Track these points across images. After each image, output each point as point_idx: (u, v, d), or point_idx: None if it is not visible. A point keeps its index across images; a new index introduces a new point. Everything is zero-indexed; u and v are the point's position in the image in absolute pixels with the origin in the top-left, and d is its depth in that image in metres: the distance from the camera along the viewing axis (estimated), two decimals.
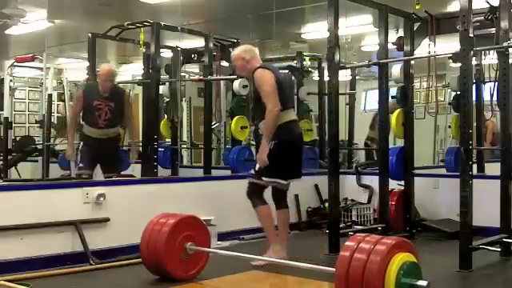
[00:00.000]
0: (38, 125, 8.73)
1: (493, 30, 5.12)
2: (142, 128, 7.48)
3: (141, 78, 7.53)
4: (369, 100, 11.60)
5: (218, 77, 7.21)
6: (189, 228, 4.19)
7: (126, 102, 6.02)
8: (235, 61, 4.91)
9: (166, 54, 7.60)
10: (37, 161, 8.74)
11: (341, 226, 5.66)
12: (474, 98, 5.05)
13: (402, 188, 6.03)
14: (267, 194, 4.81)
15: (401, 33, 6.07)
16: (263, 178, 4.68)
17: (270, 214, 4.76)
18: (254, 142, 7.10)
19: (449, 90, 7.84)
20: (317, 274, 3.92)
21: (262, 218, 4.76)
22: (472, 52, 4.52)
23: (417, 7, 5.65)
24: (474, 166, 5.27)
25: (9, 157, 8.78)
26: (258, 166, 4.68)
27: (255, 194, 4.76)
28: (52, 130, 8.66)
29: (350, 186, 6.83)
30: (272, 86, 4.57)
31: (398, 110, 5.94)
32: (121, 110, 5.89)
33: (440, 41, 5.88)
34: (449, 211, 5.83)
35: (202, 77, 7.15)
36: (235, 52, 4.98)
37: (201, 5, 7.98)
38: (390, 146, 6.16)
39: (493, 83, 5.22)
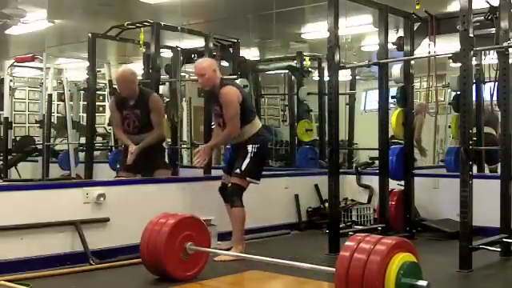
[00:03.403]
0: (38, 125, 8.75)
1: (493, 30, 5.12)
2: None
3: (141, 77, 7.54)
4: (369, 100, 11.62)
5: None
6: (189, 228, 4.19)
7: (151, 107, 5.44)
8: (204, 71, 4.93)
9: (166, 53, 7.60)
10: (37, 161, 8.75)
11: (341, 226, 5.65)
12: (474, 98, 5.05)
13: (402, 188, 6.03)
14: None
15: (401, 33, 6.06)
16: (247, 179, 4.92)
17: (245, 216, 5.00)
18: None
19: (449, 90, 7.84)
20: (317, 273, 3.92)
21: (241, 219, 4.94)
22: (472, 52, 4.52)
23: (417, 7, 5.66)
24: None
25: (9, 157, 8.79)
26: (244, 167, 4.88)
27: (239, 195, 4.93)
28: (52, 129, 8.68)
29: (350, 186, 6.84)
30: (236, 108, 4.87)
31: (398, 110, 5.94)
32: (148, 116, 5.44)
33: (440, 41, 5.88)
34: (449, 211, 5.82)
35: None
36: (203, 63, 5.03)
37: (201, 5, 7.99)
38: None
39: (493, 83, 5.22)
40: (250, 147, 4.94)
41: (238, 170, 4.92)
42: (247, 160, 4.91)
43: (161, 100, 5.73)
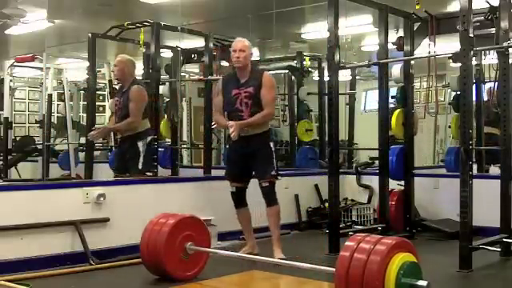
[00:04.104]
0: (38, 125, 8.75)
1: (493, 30, 5.12)
2: None
3: (141, 78, 7.54)
4: (369, 100, 11.62)
5: (218, 77, 7.21)
6: (189, 228, 4.19)
7: (129, 97, 5.48)
8: (245, 48, 4.92)
9: (166, 53, 7.60)
10: (37, 161, 8.75)
11: (341, 226, 5.66)
12: (474, 98, 5.05)
13: (402, 188, 6.03)
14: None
15: (401, 33, 6.07)
16: (279, 178, 4.99)
17: None
18: None
19: (449, 90, 7.84)
20: (317, 273, 3.92)
21: (279, 215, 4.98)
22: (472, 52, 4.52)
23: (417, 7, 5.65)
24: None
25: (9, 157, 8.79)
26: (276, 167, 4.90)
27: (275, 191, 4.94)
28: (52, 129, 8.67)
29: (350, 186, 6.84)
30: (275, 94, 5.13)
31: (398, 110, 5.94)
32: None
33: (440, 41, 5.88)
34: (449, 211, 5.82)
35: (202, 77, 7.15)
36: (245, 42, 4.99)
37: (201, 5, 7.99)
38: None
39: (493, 83, 5.21)
40: (272, 145, 4.95)
41: (273, 172, 4.88)
42: (274, 160, 4.92)
43: (142, 92, 5.55)
